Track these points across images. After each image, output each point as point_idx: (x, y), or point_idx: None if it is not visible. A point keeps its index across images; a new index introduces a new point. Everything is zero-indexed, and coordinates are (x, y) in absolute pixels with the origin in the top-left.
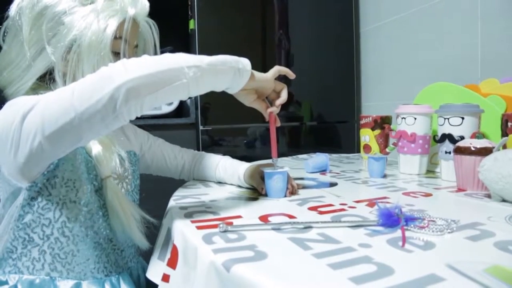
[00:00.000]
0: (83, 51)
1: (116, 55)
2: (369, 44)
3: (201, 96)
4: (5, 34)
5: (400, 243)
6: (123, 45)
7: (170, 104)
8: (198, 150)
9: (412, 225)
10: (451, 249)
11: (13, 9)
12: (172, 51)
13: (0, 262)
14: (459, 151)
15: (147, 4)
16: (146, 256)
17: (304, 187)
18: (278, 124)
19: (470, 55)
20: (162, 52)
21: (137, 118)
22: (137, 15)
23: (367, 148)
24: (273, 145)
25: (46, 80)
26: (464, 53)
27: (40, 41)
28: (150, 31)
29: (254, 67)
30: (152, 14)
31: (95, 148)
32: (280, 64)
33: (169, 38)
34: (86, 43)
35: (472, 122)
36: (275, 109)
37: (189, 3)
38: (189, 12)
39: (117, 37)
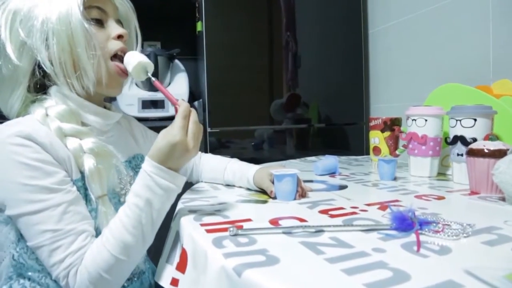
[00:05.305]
0: (55, 25)
1: (98, 22)
2: (378, 45)
3: (209, 98)
4: None
5: (415, 248)
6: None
7: None
8: (206, 152)
9: (426, 229)
10: (468, 254)
11: None
12: (180, 53)
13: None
14: (472, 153)
15: None
16: (156, 259)
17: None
18: None
19: (482, 55)
20: (169, 54)
21: (144, 120)
22: None
23: (377, 150)
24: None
25: (36, 76)
26: (475, 54)
27: (19, 37)
28: (129, 11)
29: (261, 69)
30: (160, 16)
31: (88, 162)
32: (287, 66)
33: (177, 40)
34: (55, 17)
35: (485, 124)
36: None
37: (197, 5)
38: (197, 14)
39: (90, 7)
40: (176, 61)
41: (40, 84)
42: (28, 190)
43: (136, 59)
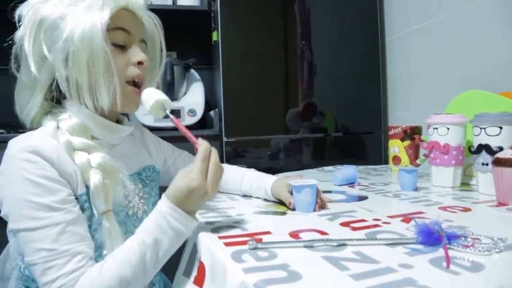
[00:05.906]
0: (76, 46)
1: (120, 48)
2: (395, 52)
3: (225, 107)
4: (18, 64)
5: (444, 264)
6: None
7: (194, 115)
8: (222, 161)
9: (455, 244)
10: (502, 271)
11: (18, 34)
12: (196, 63)
13: None
14: (499, 162)
15: None
16: (169, 271)
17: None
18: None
19: (505, 61)
20: (185, 64)
21: (160, 129)
22: (130, 4)
23: (397, 159)
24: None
25: (53, 91)
26: (498, 59)
27: (41, 50)
28: (155, 28)
29: (277, 78)
30: (176, 26)
31: (94, 177)
32: (303, 75)
33: (193, 50)
34: (78, 37)
35: (511, 132)
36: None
37: (213, 15)
38: (213, 24)
39: (115, 28)
40: (192, 70)
41: (56, 99)
42: (29, 206)
43: (153, 98)
